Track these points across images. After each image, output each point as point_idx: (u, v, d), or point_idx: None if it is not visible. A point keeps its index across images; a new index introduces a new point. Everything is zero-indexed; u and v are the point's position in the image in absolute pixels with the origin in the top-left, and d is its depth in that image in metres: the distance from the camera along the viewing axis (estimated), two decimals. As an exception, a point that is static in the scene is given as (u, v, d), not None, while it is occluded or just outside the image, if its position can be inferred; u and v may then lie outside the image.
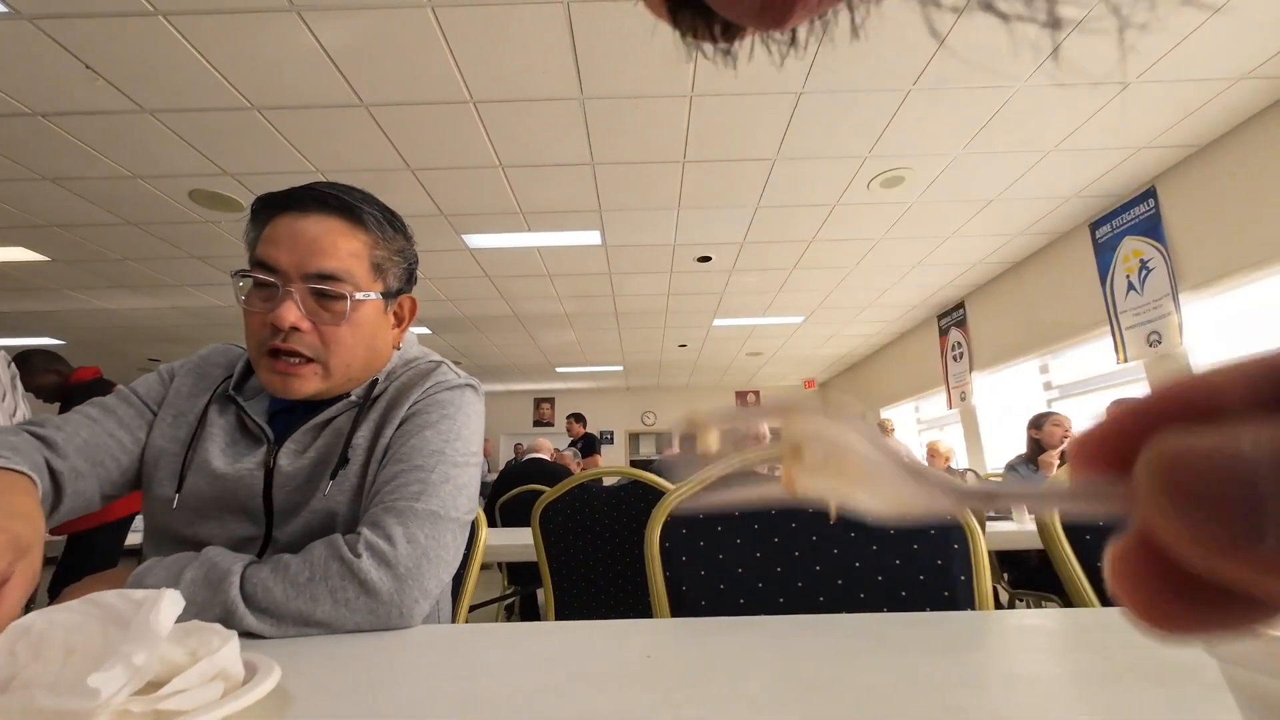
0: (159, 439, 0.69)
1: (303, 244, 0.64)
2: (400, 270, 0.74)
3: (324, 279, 0.64)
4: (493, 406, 9.74)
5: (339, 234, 0.66)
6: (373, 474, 0.66)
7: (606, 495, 1.59)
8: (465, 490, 0.66)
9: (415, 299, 0.78)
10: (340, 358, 0.67)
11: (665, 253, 4.24)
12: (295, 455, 0.66)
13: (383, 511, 0.60)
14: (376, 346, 0.71)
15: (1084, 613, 0.59)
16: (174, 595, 0.30)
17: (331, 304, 0.65)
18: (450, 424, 0.69)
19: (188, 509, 0.65)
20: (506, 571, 2.86)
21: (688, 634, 0.51)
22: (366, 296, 0.67)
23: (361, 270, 0.67)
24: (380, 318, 0.71)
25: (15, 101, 2.42)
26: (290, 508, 0.65)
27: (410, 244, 0.77)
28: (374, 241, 0.69)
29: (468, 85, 2.42)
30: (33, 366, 2.65)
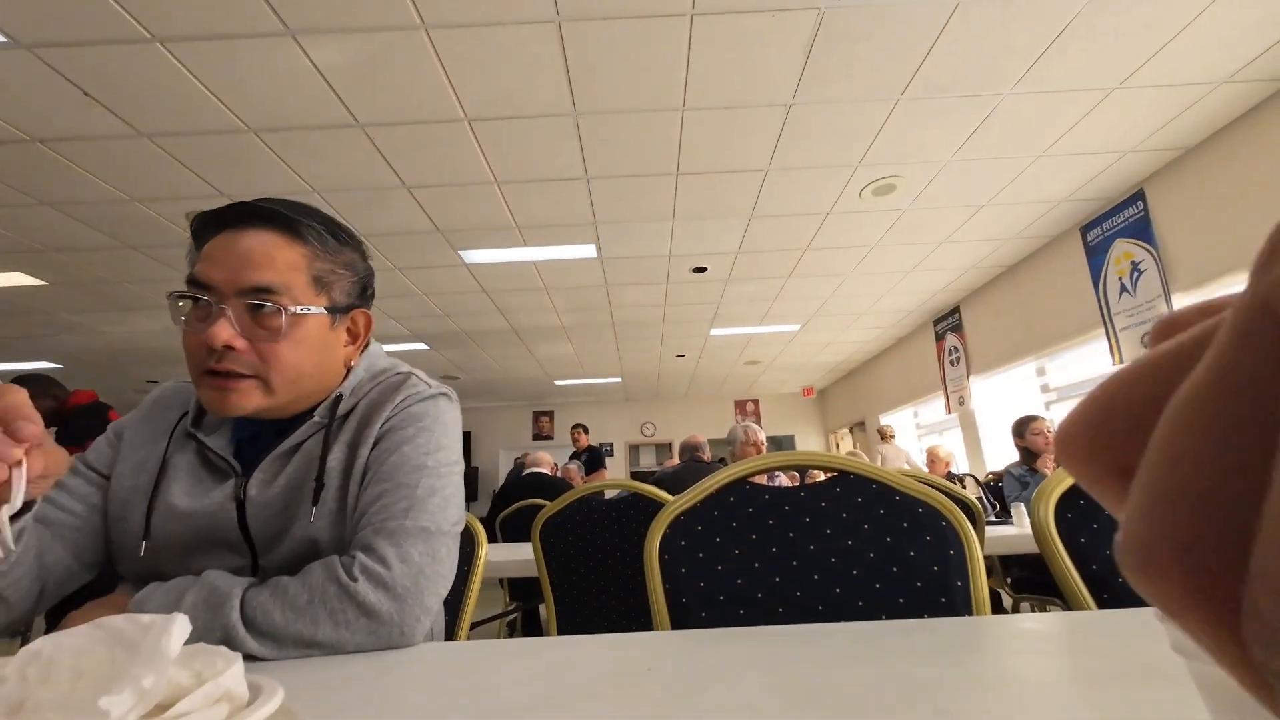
0: (121, 492, 0.67)
1: (236, 259, 0.62)
2: (349, 284, 0.71)
3: (258, 292, 0.61)
4: (491, 420, 9.72)
5: (275, 247, 0.63)
6: (353, 496, 0.64)
7: (607, 508, 1.59)
8: (452, 501, 0.66)
9: (371, 315, 0.75)
10: (281, 374, 0.63)
11: (661, 264, 4.27)
12: (265, 484, 0.64)
13: (373, 534, 0.60)
14: (325, 364, 0.68)
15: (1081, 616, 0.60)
16: (183, 620, 0.30)
17: (267, 319, 0.62)
18: (428, 436, 0.67)
19: (168, 552, 0.63)
20: (508, 587, 2.84)
21: (687, 646, 0.52)
22: (306, 310, 0.64)
23: (300, 283, 0.64)
24: (327, 333, 0.67)
25: (13, 129, 2.44)
26: (271, 537, 0.64)
27: (363, 259, 0.74)
28: (314, 254, 0.66)
29: (462, 103, 2.45)
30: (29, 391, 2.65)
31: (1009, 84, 2.49)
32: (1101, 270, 3.69)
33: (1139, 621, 0.52)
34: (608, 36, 2.13)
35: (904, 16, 2.10)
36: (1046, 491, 0.74)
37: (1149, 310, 3.35)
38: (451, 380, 7.71)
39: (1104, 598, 0.68)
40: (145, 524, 0.65)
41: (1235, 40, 2.31)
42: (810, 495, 0.73)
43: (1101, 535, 0.71)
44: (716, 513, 0.74)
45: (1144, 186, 3.36)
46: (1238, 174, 2.86)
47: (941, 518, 0.68)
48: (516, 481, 3.38)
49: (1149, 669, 0.40)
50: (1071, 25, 2.17)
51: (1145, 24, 2.19)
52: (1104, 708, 0.35)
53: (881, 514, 0.70)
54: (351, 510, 0.64)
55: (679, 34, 2.13)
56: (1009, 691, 0.38)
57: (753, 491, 0.75)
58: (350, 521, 0.64)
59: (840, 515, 0.71)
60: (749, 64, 2.30)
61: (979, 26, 2.16)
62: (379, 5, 1.94)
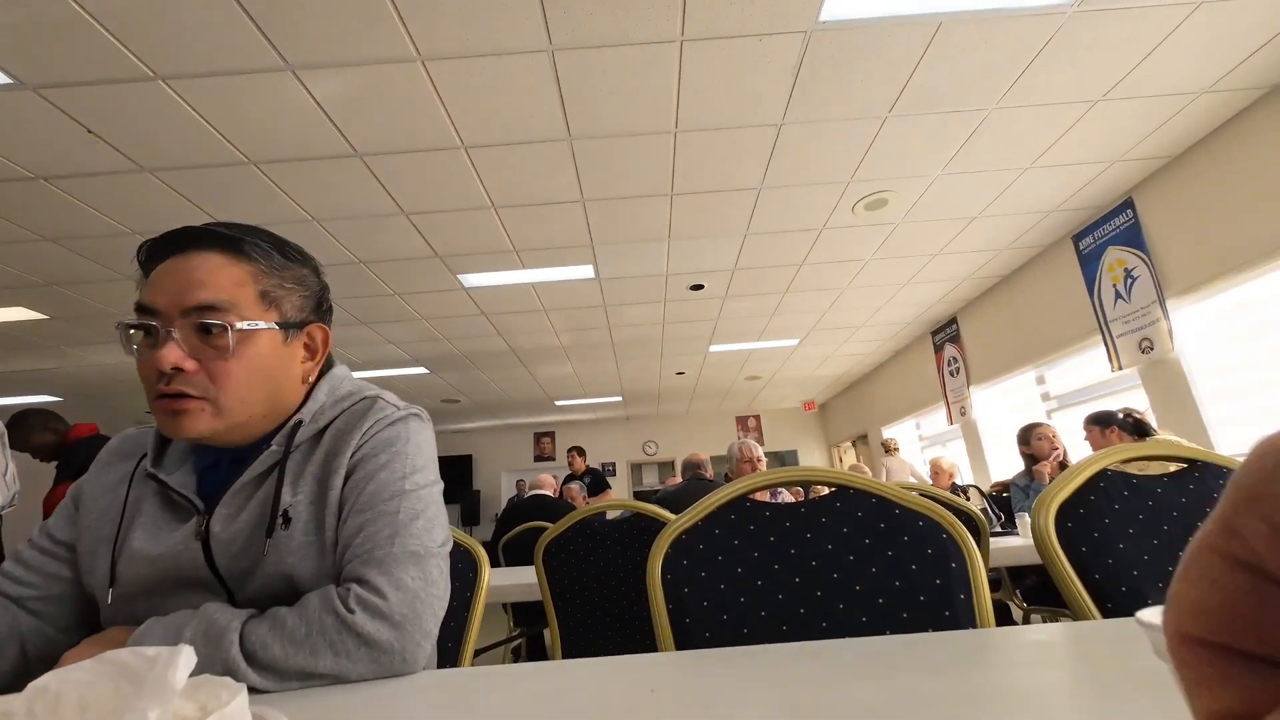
0: (89, 545, 0.66)
1: (180, 281, 0.61)
2: (301, 299, 0.69)
3: (202, 311, 0.61)
4: (492, 442, 9.68)
5: (218, 265, 0.63)
6: (330, 530, 0.63)
7: (609, 529, 1.59)
8: (436, 521, 0.65)
9: (328, 330, 0.73)
10: (232, 394, 0.62)
11: (658, 283, 4.30)
12: (229, 519, 0.63)
13: (361, 565, 0.59)
14: (279, 381, 0.66)
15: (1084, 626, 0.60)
16: (188, 652, 0.30)
17: (214, 338, 0.61)
18: (402, 460, 0.66)
19: (140, 597, 0.62)
20: (512, 613, 2.81)
21: (691, 666, 0.51)
22: (254, 325, 0.63)
23: (246, 299, 0.63)
24: (280, 350, 0.66)
25: (18, 167, 2.48)
26: (240, 573, 0.62)
27: (314, 273, 0.72)
28: (260, 270, 0.65)
29: (458, 131, 2.50)
30: (29, 426, 2.65)
31: (994, 99, 2.54)
32: (1095, 278, 3.72)
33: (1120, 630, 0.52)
34: (599, 64, 2.18)
35: (888, 37, 2.15)
36: (1046, 500, 0.74)
37: (1144, 316, 3.37)
38: (452, 403, 7.71)
39: (1108, 607, 0.68)
40: (110, 572, 0.63)
41: (1213, 52, 2.37)
42: (810, 511, 0.74)
43: (1103, 544, 0.71)
44: (718, 531, 0.74)
45: (1132, 194, 3.41)
46: (1224, 179, 2.90)
47: (942, 530, 0.68)
48: (519, 504, 3.36)
49: (1154, 678, 0.40)
50: (1052, 42, 2.22)
51: (1124, 39, 2.25)
52: (1108, 717, 0.35)
53: (882, 528, 0.70)
54: (333, 546, 0.63)
55: (669, 59, 2.18)
56: (1015, 704, 0.38)
57: (754, 508, 0.75)
58: (333, 556, 0.63)
59: (841, 530, 0.71)
60: (738, 86, 2.35)
61: (962, 45, 2.21)
62: (376, 39, 1.99)
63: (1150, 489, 0.74)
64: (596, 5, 1.93)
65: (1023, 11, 2.07)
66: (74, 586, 0.68)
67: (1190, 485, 0.74)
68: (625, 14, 1.97)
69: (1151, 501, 0.74)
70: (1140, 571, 0.69)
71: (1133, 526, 0.72)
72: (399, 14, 1.90)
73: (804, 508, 0.74)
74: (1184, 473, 0.77)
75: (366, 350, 5.26)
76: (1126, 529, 0.72)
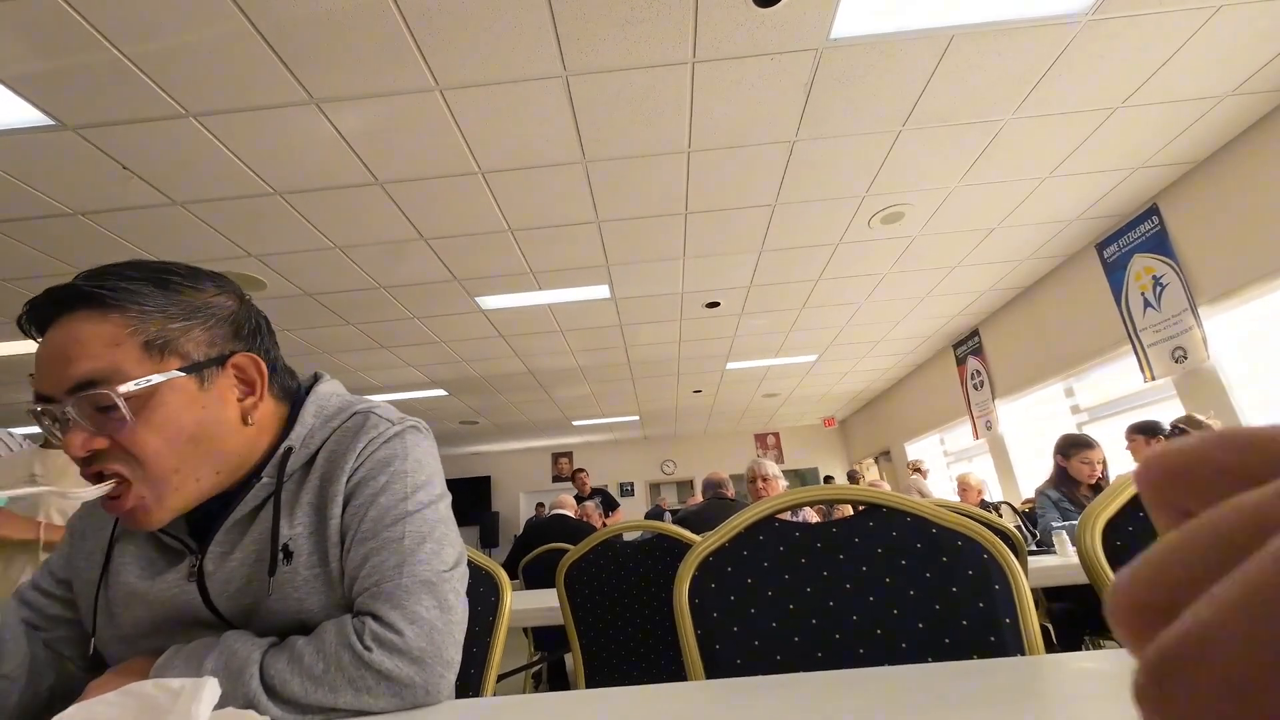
0: (80, 586, 0.65)
1: (52, 360, 0.55)
2: (205, 332, 0.60)
3: (83, 387, 0.53)
4: (511, 464, 9.69)
5: (83, 331, 0.55)
6: (335, 561, 0.59)
7: (632, 550, 1.56)
8: (446, 539, 0.62)
9: (257, 356, 0.62)
10: (158, 466, 0.55)
11: (674, 301, 4.30)
12: (223, 557, 0.60)
13: (371, 599, 0.56)
14: (214, 431, 0.58)
15: (1143, 652, 0.56)
16: (213, 684, 0.30)
17: (110, 412, 0.54)
18: (402, 480, 0.62)
19: (145, 637, 0.60)
20: (532, 637, 2.77)
21: (723, 697, 0.49)
22: (144, 383, 0.54)
23: (129, 358, 0.55)
24: (198, 397, 0.58)
25: (57, 203, 2.59)
26: (242, 612, 0.59)
27: (220, 293, 0.63)
28: (133, 316, 0.56)
29: (476, 158, 2.55)
30: (64, 452, 2.72)
31: (1009, 110, 2.52)
32: (1122, 286, 3.63)
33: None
34: (613, 88, 2.22)
35: (900, 52, 2.16)
36: (1091, 517, 0.70)
37: (1177, 324, 3.27)
38: (470, 424, 7.75)
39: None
40: (93, 615, 0.61)
41: (1235, 55, 2.33)
42: (843, 531, 0.71)
43: (1155, 563, 0.67)
44: (745, 552, 0.72)
45: (1157, 201, 3.34)
46: (1253, 183, 2.83)
47: (982, 550, 0.65)
48: (539, 523, 3.34)
49: None
50: (1067, 51, 2.21)
51: (1142, 44, 2.22)
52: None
53: (919, 548, 0.68)
54: (339, 577, 0.60)
55: (681, 81, 2.21)
56: (1076, 740, 0.36)
57: (783, 529, 0.73)
58: (340, 588, 0.60)
59: (875, 551, 0.69)
60: (751, 105, 2.37)
61: (974, 57, 2.21)
62: (396, 71, 2.05)
63: (1203, 504, 0.71)
64: (609, 31, 1.96)
65: (1035, 22, 2.06)
66: (77, 626, 0.67)
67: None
68: (637, 38, 2.00)
69: (1205, 518, 0.70)
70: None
71: (1186, 545, 0.68)
72: (418, 46, 1.96)
73: (835, 528, 0.72)
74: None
75: (387, 374, 5.32)
76: (1180, 547, 0.68)
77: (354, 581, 0.59)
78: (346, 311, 3.99)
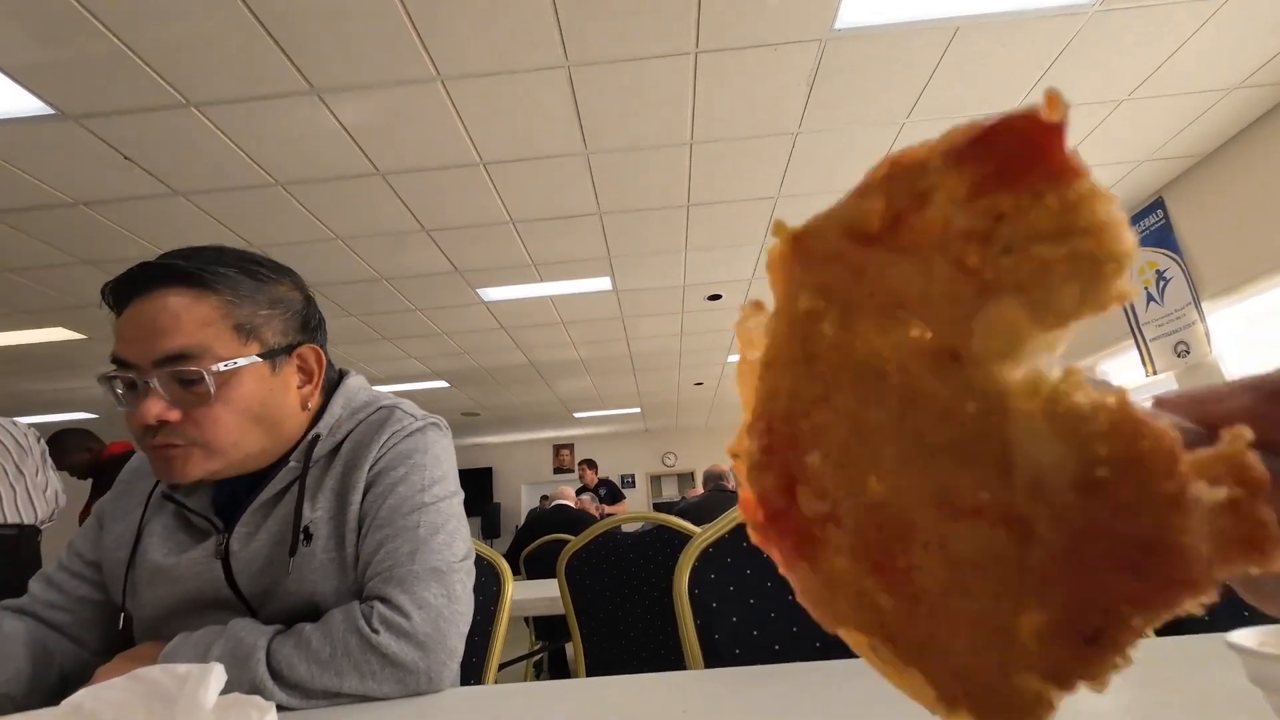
0: (110, 567, 0.67)
1: (145, 330, 0.57)
2: (282, 323, 0.64)
3: (173, 360, 0.57)
4: (512, 455, 9.72)
5: (181, 307, 0.58)
6: (351, 546, 0.62)
7: (632, 541, 1.57)
8: (457, 534, 0.64)
9: (321, 350, 0.68)
10: (222, 439, 0.59)
11: (675, 294, 4.30)
12: (248, 538, 0.62)
13: (382, 583, 0.58)
14: (275, 415, 0.63)
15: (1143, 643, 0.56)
16: (219, 670, 0.30)
17: (193, 386, 0.58)
18: (420, 473, 0.64)
19: (164, 617, 0.62)
20: (533, 627, 2.79)
21: (724, 686, 0.50)
22: (232, 365, 0.59)
23: (220, 338, 0.59)
24: (268, 381, 0.62)
25: (58, 193, 2.59)
26: (262, 593, 0.62)
27: (294, 289, 0.68)
28: (228, 300, 0.60)
29: (477, 149, 2.54)
30: (66, 446, 2.73)
31: (1015, 101, 2.51)
32: (1126, 281, 3.62)
33: (1203, 649, 0.49)
34: (615, 78, 2.20)
35: (904, 44, 2.14)
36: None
37: (1179, 319, 3.26)
38: (472, 416, 7.77)
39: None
40: (123, 595, 0.64)
41: (1244, 46, 2.30)
42: (841, 523, 0.72)
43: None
44: (745, 544, 0.73)
45: (1162, 194, 3.32)
46: (1260, 178, 2.81)
47: (981, 543, 0.66)
48: (541, 513, 3.37)
49: (1223, 700, 0.38)
50: (1074, 42, 2.19)
51: (1149, 36, 2.20)
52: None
53: (917, 541, 0.68)
54: (353, 563, 0.62)
55: (683, 72, 2.19)
56: (1070, 729, 0.36)
57: (782, 521, 0.73)
58: (354, 573, 0.62)
59: (874, 543, 0.69)
60: (754, 97, 2.35)
61: (979, 50, 2.19)
62: (397, 61, 2.04)
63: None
64: (611, 21, 1.95)
65: (1042, 13, 2.04)
66: (103, 608, 0.68)
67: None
68: (640, 29, 1.99)
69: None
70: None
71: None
72: (419, 36, 1.95)
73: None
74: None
75: (388, 366, 5.33)
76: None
77: (367, 566, 0.61)
78: (348, 303, 4.00)
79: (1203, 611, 0.12)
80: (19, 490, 1.95)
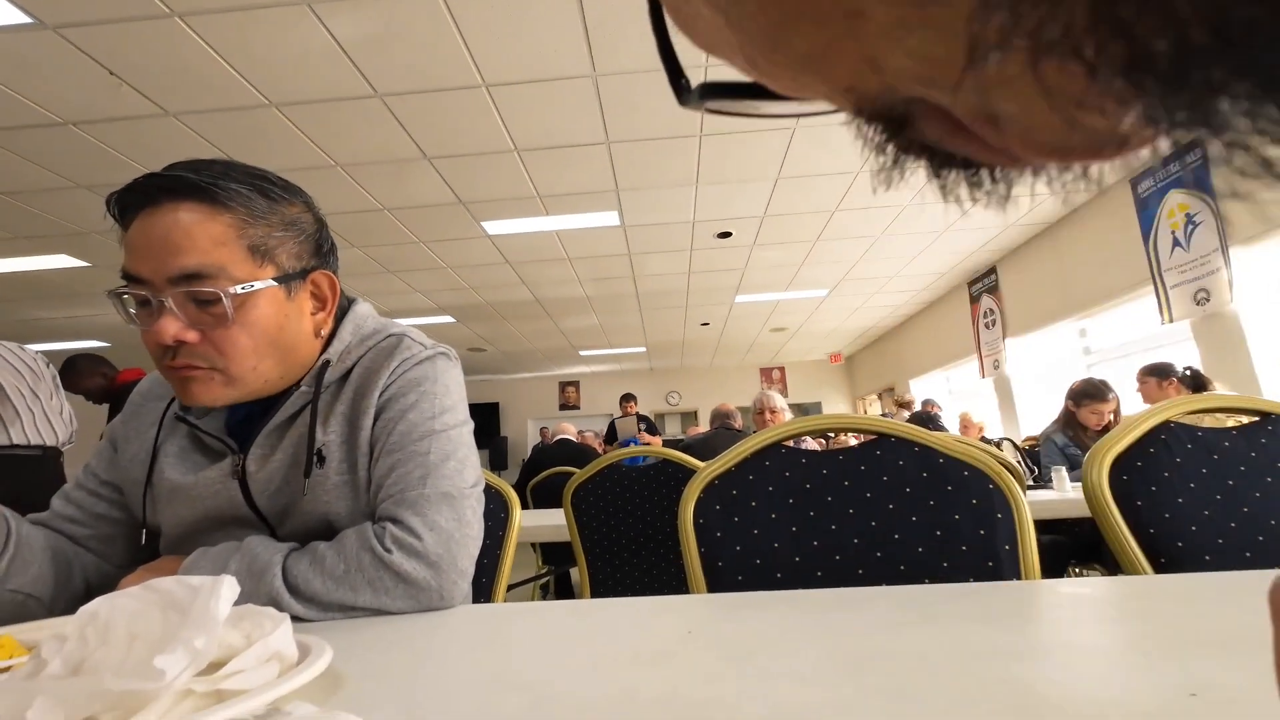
0: (128, 487, 0.68)
1: (157, 245, 0.55)
2: (296, 246, 0.62)
3: (188, 279, 0.55)
4: (519, 391, 9.87)
5: (194, 223, 0.56)
6: (363, 470, 0.63)
7: (636, 474, 1.60)
8: (467, 462, 0.65)
9: (334, 276, 0.66)
10: (241, 362, 0.58)
11: (684, 230, 4.19)
12: (263, 459, 0.63)
13: (394, 505, 0.59)
14: (291, 341, 0.62)
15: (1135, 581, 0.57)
16: (231, 582, 0.30)
17: (210, 306, 0.56)
18: (430, 401, 0.64)
19: (184, 533, 0.64)
20: (540, 552, 2.91)
21: (727, 610, 0.51)
22: (249, 287, 0.57)
23: (234, 258, 0.57)
24: (284, 306, 0.61)
25: (46, 111, 2.49)
26: (280, 511, 0.63)
27: (306, 211, 0.65)
28: (243, 220, 0.58)
29: (480, 69, 2.40)
30: (79, 370, 2.76)
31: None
32: (1153, 224, 3.49)
33: (1203, 587, 0.50)
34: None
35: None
36: (1100, 452, 0.70)
37: (1203, 265, 3.17)
38: (479, 352, 7.82)
39: (1161, 562, 0.65)
40: (143, 512, 0.65)
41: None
42: (848, 459, 0.71)
43: (1160, 498, 0.67)
44: (752, 477, 0.73)
45: (1203, 132, 3.14)
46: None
47: (988, 480, 0.66)
48: (546, 447, 3.45)
49: (1215, 634, 0.38)
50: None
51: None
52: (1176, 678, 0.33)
53: (924, 477, 0.68)
54: (365, 486, 0.63)
55: (702, -16, 2.03)
56: (1072, 659, 0.36)
57: (789, 455, 0.73)
58: (366, 496, 0.63)
59: (880, 479, 0.69)
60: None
61: None
62: (392, -33, 1.89)
63: (1216, 441, 0.70)
64: (624, -78, 1.78)
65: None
66: (123, 525, 0.70)
67: (1262, 439, 0.70)
68: (655, -68, 1.82)
69: (1216, 455, 0.69)
70: (1199, 526, 0.66)
71: (1194, 480, 0.68)
72: (415, -63, 1.79)
73: (842, 455, 0.72)
74: (1256, 425, 0.72)
75: (394, 299, 5.31)
76: (1187, 483, 0.68)
77: (379, 489, 0.61)
78: (351, 234, 3.92)
79: None
80: (36, 412, 1.99)
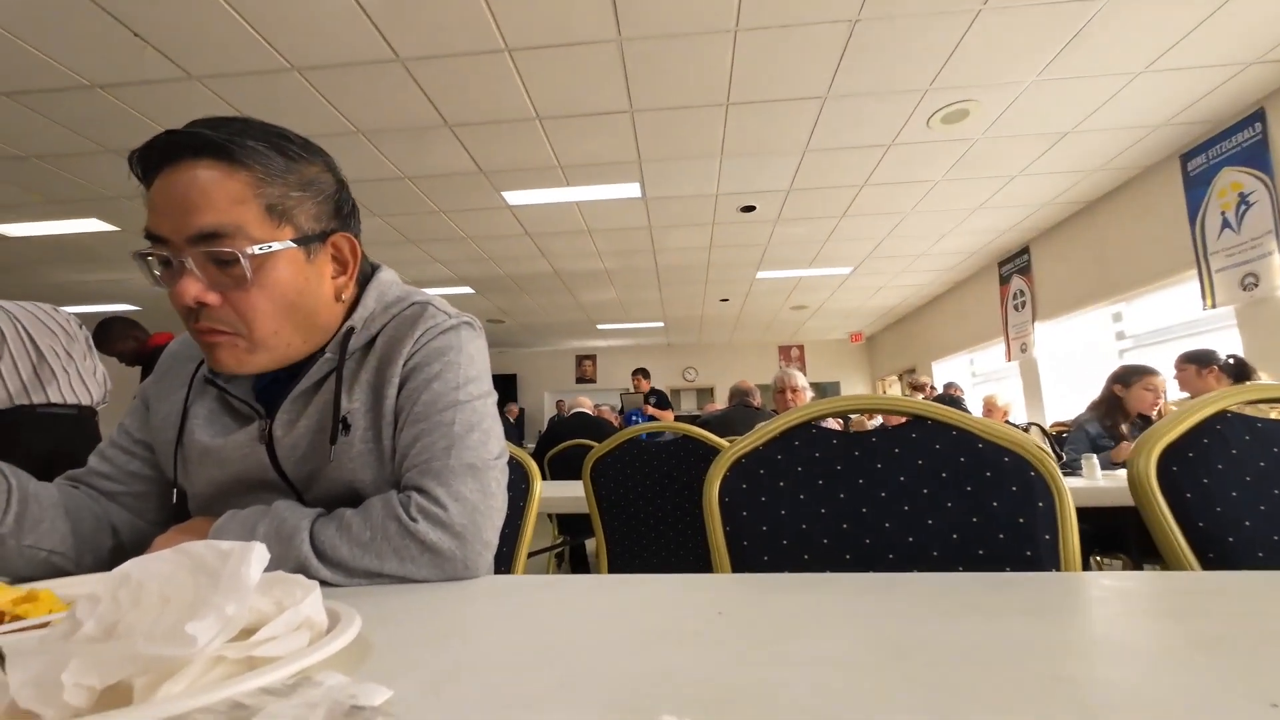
0: (160, 447, 0.68)
1: (176, 204, 0.55)
2: (315, 207, 0.61)
3: (206, 239, 0.55)
4: (536, 364, 9.93)
5: (211, 181, 0.55)
6: (387, 439, 0.62)
7: (656, 450, 1.60)
8: (492, 433, 0.64)
9: (355, 239, 0.65)
10: (263, 326, 0.58)
11: (707, 204, 4.11)
12: (290, 425, 0.63)
13: (419, 475, 0.59)
14: (312, 305, 0.61)
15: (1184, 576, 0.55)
16: (261, 549, 0.30)
17: (229, 268, 0.56)
18: (455, 371, 0.64)
19: (213, 495, 0.65)
20: (556, 523, 2.96)
21: (757, 591, 0.50)
22: (267, 248, 0.56)
23: (253, 218, 0.56)
24: (304, 269, 0.60)
25: (73, 74, 2.49)
26: (306, 477, 0.63)
27: (327, 170, 0.64)
28: (260, 179, 0.57)
29: (502, 32, 2.34)
30: (112, 334, 2.82)
31: (1114, -15, 2.18)
32: (1202, 204, 3.32)
33: (1256, 584, 0.47)
34: (656, -52, 1.96)
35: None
36: (1149, 441, 0.67)
37: (1255, 248, 3.02)
38: (497, 324, 7.85)
39: (1209, 557, 0.62)
40: (174, 471, 0.66)
41: None
42: (883, 441, 0.69)
43: (1212, 491, 0.64)
44: (780, 456, 0.71)
45: (1264, 105, 2.95)
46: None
47: (1030, 468, 0.63)
48: (563, 420, 3.47)
49: (1266, 632, 0.36)
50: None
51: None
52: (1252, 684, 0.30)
53: (962, 462, 0.66)
54: (390, 454, 0.63)
55: (735, -59, 1.94)
56: (1124, 656, 0.35)
57: (820, 435, 0.71)
58: (390, 464, 0.63)
59: (915, 462, 0.67)
60: (812, -26, 2.08)
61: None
62: (415, -77, 1.83)
63: (1278, 434, 0.66)
64: (656, -126, 1.70)
65: None
66: (156, 483, 0.71)
67: (1327, 432, 0.66)
68: (688, -116, 1.73)
69: (1278, 448, 0.66)
70: (1253, 522, 0.63)
71: (1250, 474, 0.65)
72: (438, -109, 1.73)
73: (875, 437, 0.70)
74: (1320, 418, 0.68)
75: (413, 269, 5.33)
76: (1243, 476, 0.65)
77: (404, 459, 0.61)
78: (372, 202, 3.92)
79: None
80: (71, 372, 2.05)
